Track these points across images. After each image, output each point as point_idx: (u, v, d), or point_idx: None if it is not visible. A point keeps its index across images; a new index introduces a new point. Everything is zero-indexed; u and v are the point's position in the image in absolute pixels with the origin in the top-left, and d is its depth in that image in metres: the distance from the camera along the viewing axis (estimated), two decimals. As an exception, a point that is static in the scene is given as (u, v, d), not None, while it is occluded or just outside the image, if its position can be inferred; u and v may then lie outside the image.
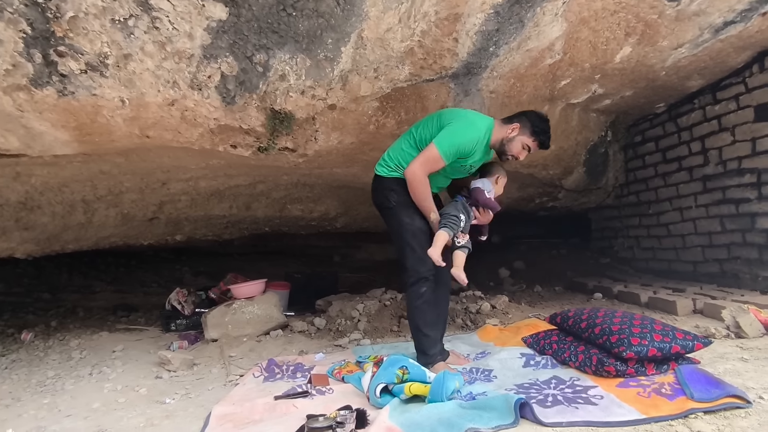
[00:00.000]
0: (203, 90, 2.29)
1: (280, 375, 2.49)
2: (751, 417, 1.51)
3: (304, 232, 5.20)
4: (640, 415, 1.55)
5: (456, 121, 2.30)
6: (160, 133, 2.57)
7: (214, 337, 3.29)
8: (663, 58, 3.05)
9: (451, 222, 2.25)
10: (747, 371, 1.91)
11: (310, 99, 2.56)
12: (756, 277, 3.28)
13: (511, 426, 1.53)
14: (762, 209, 3.21)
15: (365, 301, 3.59)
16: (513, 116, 2.41)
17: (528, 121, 2.35)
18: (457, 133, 2.24)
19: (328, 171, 3.58)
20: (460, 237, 2.30)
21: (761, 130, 3.18)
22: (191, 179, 3.61)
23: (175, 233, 4.43)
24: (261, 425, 1.78)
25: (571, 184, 4.28)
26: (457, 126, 2.28)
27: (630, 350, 1.84)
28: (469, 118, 2.34)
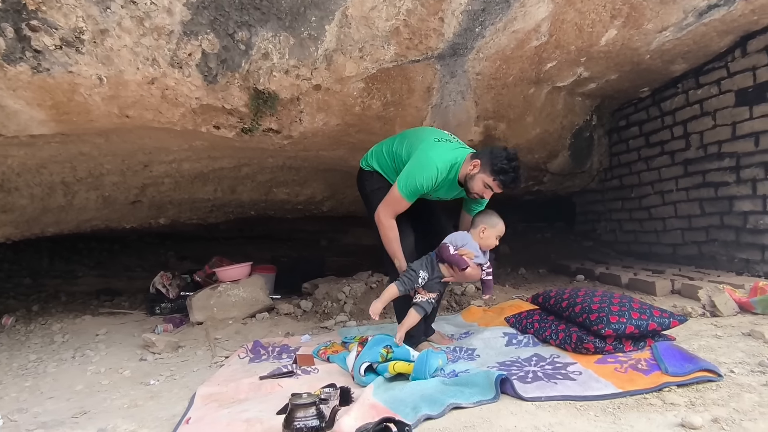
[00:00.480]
0: (184, 68, 2.25)
1: (265, 356, 2.50)
2: (722, 389, 1.56)
3: (290, 216, 5.17)
4: (617, 389, 1.59)
5: (413, 159, 2.26)
6: (141, 112, 2.52)
7: (199, 319, 3.28)
8: (648, 42, 3.06)
9: (407, 277, 2.16)
10: (720, 347, 1.97)
11: (294, 79, 2.53)
12: (732, 259, 3.36)
13: (492, 401, 1.56)
14: (740, 192, 3.28)
15: (351, 284, 3.61)
16: (479, 151, 2.26)
17: (490, 157, 2.14)
18: (413, 174, 2.21)
19: (314, 154, 3.55)
20: (421, 293, 2.19)
21: (741, 115, 3.23)
22: (174, 161, 3.54)
23: (159, 217, 4.37)
24: (246, 404, 1.79)
25: (556, 168, 4.32)
26: (413, 166, 2.23)
27: (608, 327, 1.88)
28: (425, 157, 2.22)
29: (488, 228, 2.20)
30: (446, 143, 2.32)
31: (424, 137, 2.38)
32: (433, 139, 2.33)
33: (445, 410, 1.50)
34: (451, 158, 2.23)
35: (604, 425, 1.37)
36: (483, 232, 2.20)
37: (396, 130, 3.16)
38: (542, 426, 1.37)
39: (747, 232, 3.25)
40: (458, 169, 2.24)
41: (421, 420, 1.46)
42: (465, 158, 2.23)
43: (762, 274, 3.09)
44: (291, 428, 1.36)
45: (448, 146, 2.30)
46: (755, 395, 1.50)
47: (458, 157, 2.25)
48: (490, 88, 3.05)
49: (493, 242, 2.21)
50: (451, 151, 2.27)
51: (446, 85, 2.94)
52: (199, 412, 1.76)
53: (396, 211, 2.29)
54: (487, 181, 2.16)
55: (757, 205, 3.17)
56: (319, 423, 1.37)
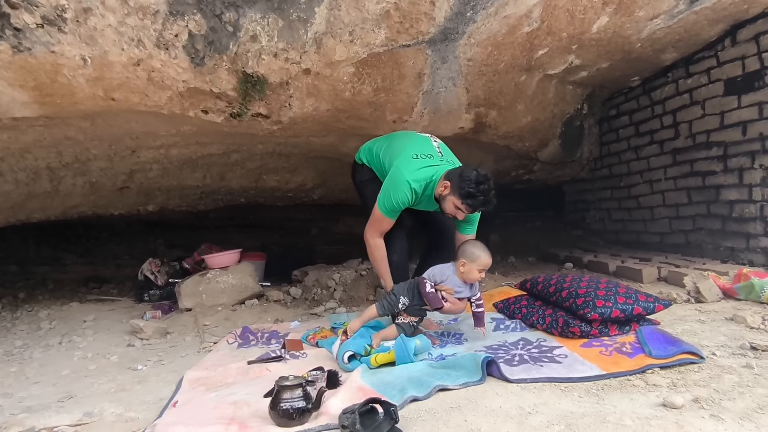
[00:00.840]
0: (170, 49, 2.21)
1: (254, 342, 2.50)
2: (703, 371, 1.59)
3: (280, 203, 5.14)
4: (601, 371, 1.62)
5: (389, 177, 2.29)
6: (127, 95, 2.48)
7: (188, 306, 3.26)
8: (639, 29, 3.06)
9: (387, 302, 2.14)
10: (703, 331, 2.01)
11: (283, 62, 2.49)
12: (718, 247, 3.41)
13: (478, 383, 1.58)
14: (726, 181, 3.31)
15: (341, 271, 3.60)
16: (451, 171, 2.21)
17: (459, 180, 2.10)
18: (389, 193, 2.25)
19: (304, 140, 3.52)
20: (402, 316, 2.16)
21: (730, 104, 3.25)
22: (162, 147, 3.50)
23: (147, 203, 4.32)
24: (234, 387, 1.79)
25: (547, 157, 4.33)
26: (388, 184, 2.27)
27: (594, 312, 1.91)
28: (398, 176, 2.22)
29: (468, 263, 2.07)
30: (423, 159, 2.30)
31: (403, 149, 2.38)
32: (411, 155, 2.32)
33: (431, 392, 1.51)
34: (425, 177, 2.23)
35: (588, 405, 1.39)
36: (462, 266, 2.08)
37: (387, 116, 3.15)
38: (527, 406, 1.38)
39: (732, 220, 3.29)
40: (434, 186, 2.23)
41: (408, 401, 1.47)
42: (441, 176, 2.22)
43: (746, 261, 3.14)
44: (277, 410, 1.36)
45: (423, 163, 2.28)
46: (735, 376, 1.52)
47: (434, 175, 2.24)
48: (482, 74, 3.04)
49: (475, 276, 2.06)
50: (426, 168, 2.25)
51: (437, 71, 2.92)
52: (187, 396, 1.76)
53: (381, 229, 2.34)
54: (457, 204, 2.14)
55: (743, 194, 3.20)
56: (305, 404, 1.37)
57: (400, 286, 2.21)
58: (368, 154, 2.65)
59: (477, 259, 2.06)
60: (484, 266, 2.07)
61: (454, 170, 2.21)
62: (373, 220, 2.35)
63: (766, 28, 2.99)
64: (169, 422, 1.46)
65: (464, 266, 2.08)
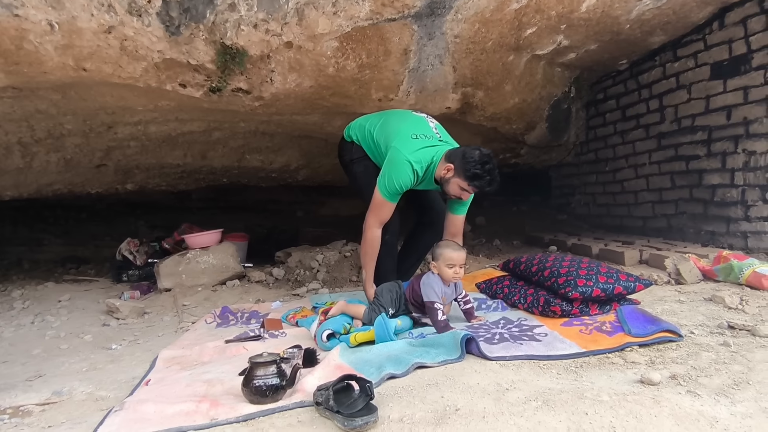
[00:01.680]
0: (143, 16, 2.11)
1: (234, 321, 2.46)
2: (681, 349, 1.59)
3: (264, 184, 5.06)
4: (580, 349, 1.61)
5: (389, 160, 2.23)
6: (99, 65, 2.37)
7: (167, 286, 3.20)
8: (628, 10, 3.02)
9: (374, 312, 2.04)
10: (682, 311, 2.02)
11: (263, 34, 2.41)
12: (699, 231, 3.44)
13: (457, 360, 1.56)
14: (710, 166, 3.32)
15: (325, 252, 3.56)
16: (452, 152, 2.17)
17: (463, 162, 2.07)
18: (391, 176, 2.18)
19: (288, 118, 3.44)
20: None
21: (715, 88, 3.25)
22: (140, 123, 3.39)
23: (126, 182, 4.20)
24: (209, 366, 1.75)
25: (534, 140, 4.30)
26: (390, 168, 2.20)
27: (576, 291, 1.90)
28: (399, 158, 2.16)
29: (437, 264, 2.01)
30: (422, 140, 2.25)
31: (400, 129, 2.32)
32: (410, 135, 2.26)
33: (409, 369, 1.49)
34: (426, 158, 2.19)
35: (566, 382, 1.38)
36: (434, 269, 2.02)
37: (372, 94, 3.08)
38: (504, 383, 1.37)
39: (714, 205, 3.31)
40: (434, 168, 2.20)
41: (385, 378, 1.44)
42: (441, 158, 2.18)
43: (726, 245, 3.17)
44: (250, 387, 1.33)
45: (422, 143, 2.23)
46: (712, 353, 1.53)
47: (434, 156, 2.20)
48: (469, 52, 2.98)
49: (450, 273, 1.98)
50: (426, 150, 2.21)
51: (423, 48, 2.85)
52: (160, 374, 1.72)
53: (382, 217, 2.25)
54: (463, 186, 2.12)
55: (725, 179, 3.22)
56: (279, 381, 1.34)
57: (387, 296, 2.09)
58: (359, 131, 2.53)
59: (439, 257, 2.01)
60: (450, 261, 1.99)
61: (455, 151, 2.16)
62: (374, 206, 2.24)
63: (755, 11, 2.98)
64: (139, 400, 1.42)
65: (435, 269, 2.03)
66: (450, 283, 2.02)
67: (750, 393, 1.26)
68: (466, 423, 1.15)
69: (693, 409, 1.18)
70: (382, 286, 2.17)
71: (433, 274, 2.03)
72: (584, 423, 1.13)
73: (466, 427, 1.14)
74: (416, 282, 2.07)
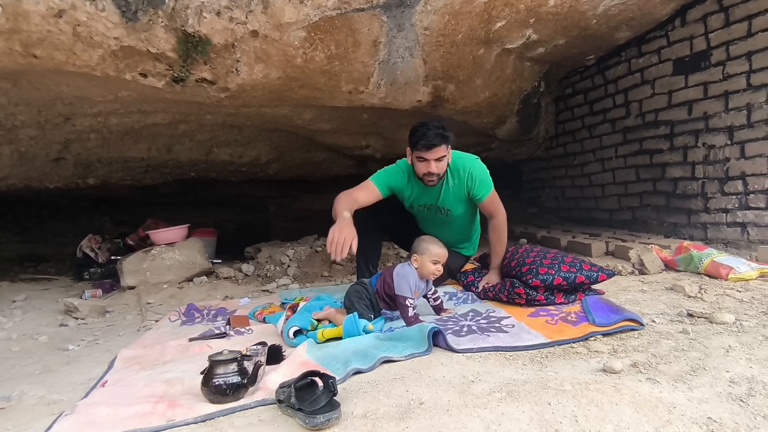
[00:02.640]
0: (97, 1, 2.00)
1: (199, 319, 2.40)
2: (643, 337, 1.63)
3: (234, 178, 4.94)
4: (546, 340, 1.63)
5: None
6: (51, 52, 2.25)
7: (131, 284, 3.09)
8: (594, 5, 3.06)
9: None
10: (645, 300, 2.07)
11: (227, 22, 2.33)
12: (662, 223, 3.54)
13: (424, 354, 1.55)
14: (672, 159, 3.42)
15: (296, 247, 3.51)
16: None
17: (409, 136, 2.21)
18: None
19: (256, 110, 3.36)
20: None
21: (677, 83, 3.34)
22: (100, 114, 3.25)
23: (87, 176, 4.04)
24: (170, 365, 1.69)
25: (504, 134, 4.34)
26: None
27: (536, 278, 1.94)
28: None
29: (419, 257, 2.00)
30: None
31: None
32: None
33: (375, 364, 1.47)
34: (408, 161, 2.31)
35: (531, 372, 1.39)
36: (415, 262, 2.01)
37: (342, 86, 3.03)
38: (470, 375, 1.37)
39: (676, 197, 3.41)
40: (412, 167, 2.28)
41: (350, 374, 1.42)
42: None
43: (688, 236, 3.28)
44: (209, 386, 1.28)
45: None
46: (672, 341, 1.57)
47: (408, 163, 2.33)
48: (439, 45, 2.96)
49: (430, 269, 1.98)
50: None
51: (393, 40, 2.82)
52: (118, 375, 1.65)
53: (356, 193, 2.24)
54: (416, 156, 2.18)
55: (686, 172, 3.32)
56: (240, 379, 1.30)
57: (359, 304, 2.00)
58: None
59: (425, 251, 2.00)
60: (436, 257, 1.99)
61: None
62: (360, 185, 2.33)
63: (714, 8, 3.06)
64: (92, 403, 1.35)
65: (416, 261, 2.01)
66: (426, 278, 2.01)
67: (706, 378, 1.29)
68: (430, 417, 1.14)
69: (652, 396, 1.21)
70: (348, 294, 2.07)
71: (409, 266, 2.00)
72: (547, 413, 1.13)
73: (429, 420, 1.13)
74: (388, 274, 2.03)
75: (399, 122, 3.94)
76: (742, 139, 2.95)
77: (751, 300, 1.96)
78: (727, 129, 3.02)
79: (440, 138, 2.11)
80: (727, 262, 2.35)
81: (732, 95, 2.98)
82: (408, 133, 2.22)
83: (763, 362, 1.36)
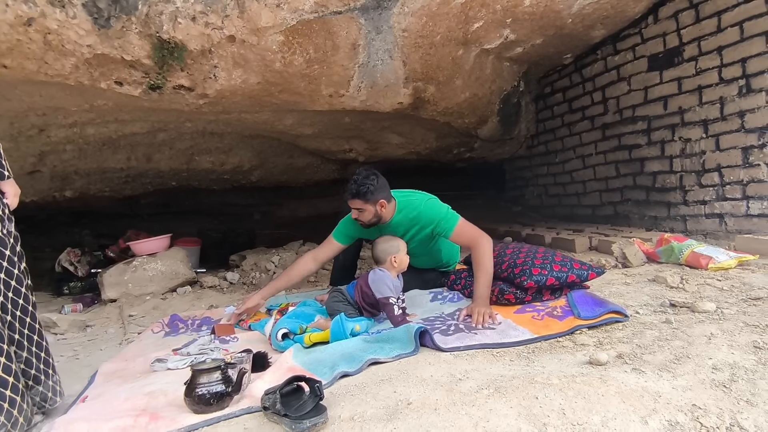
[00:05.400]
0: (67, 8, 1.97)
1: (183, 330, 2.35)
2: (627, 329, 1.64)
3: (216, 187, 4.88)
4: (532, 335, 1.63)
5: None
6: (21, 62, 2.20)
7: (112, 297, 3.02)
8: (569, 4, 3.11)
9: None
10: (628, 292, 2.09)
11: (203, 27, 2.30)
12: (643, 216, 3.60)
13: (411, 354, 1.54)
14: (650, 154, 3.48)
15: (281, 254, 3.48)
16: None
17: None
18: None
19: (237, 117, 3.33)
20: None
21: (652, 80, 3.40)
22: (75, 125, 3.18)
23: (64, 189, 3.95)
24: (152, 377, 1.65)
25: (486, 134, 4.37)
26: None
27: (530, 279, 1.92)
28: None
29: (396, 255, 2.08)
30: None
31: None
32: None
33: (362, 366, 1.46)
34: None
35: (518, 368, 1.39)
36: (394, 259, 2.06)
37: (322, 90, 3.02)
38: (458, 373, 1.36)
39: (656, 191, 3.47)
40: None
41: (338, 377, 1.40)
42: None
43: (668, 229, 3.33)
44: (192, 396, 1.25)
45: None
46: (655, 331, 1.58)
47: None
48: (418, 47, 2.97)
49: (405, 260, 2.11)
50: None
51: (372, 43, 2.82)
52: (99, 390, 1.60)
53: (317, 250, 2.38)
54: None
55: (665, 165, 3.38)
56: (224, 388, 1.27)
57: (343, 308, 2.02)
58: None
59: (398, 249, 2.09)
60: (405, 248, 2.12)
61: None
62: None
63: (684, 5, 3.14)
64: (71, 419, 1.31)
65: (395, 260, 2.06)
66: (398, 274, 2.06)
67: (689, 366, 1.31)
68: (418, 416, 1.13)
69: (638, 385, 1.21)
70: (328, 303, 2.11)
71: (381, 270, 2.03)
72: (534, 407, 1.13)
73: (417, 420, 1.12)
74: (363, 282, 2.04)
75: (381, 125, 3.94)
76: (716, 131, 3.01)
77: (731, 288, 2.00)
78: (702, 122, 3.09)
79: (354, 194, 2.13)
80: (707, 252, 2.40)
81: (705, 89, 3.05)
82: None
83: (744, 348, 1.38)
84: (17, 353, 1.38)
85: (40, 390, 1.44)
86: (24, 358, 1.40)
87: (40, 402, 1.45)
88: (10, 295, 1.39)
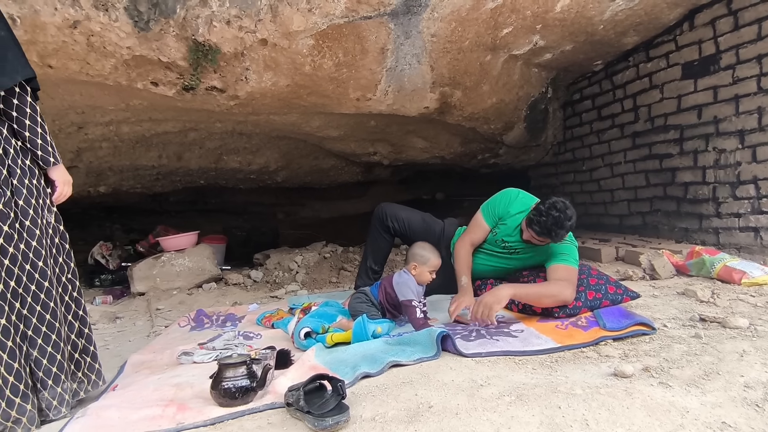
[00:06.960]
0: (110, 11, 2.05)
1: (209, 324, 2.41)
2: (654, 342, 1.61)
3: (243, 186, 4.99)
4: (556, 344, 1.61)
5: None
6: (65, 62, 2.30)
7: (141, 290, 3.12)
8: (601, 10, 3.07)
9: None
10: (656, 305, 2.04)
11: (237, 31, 2.37)
12: (673, 228, 3.50)
13: (433, 358, 1.54)
14: (682, 164, 3.39)
15: (304, 254, 3.52)
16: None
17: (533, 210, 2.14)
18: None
19: (265, 118, 3.40)
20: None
21: (686, 88, 3.32)
22: (111, 123, 3.31)
23: (98, 184, 4.10)
24: (179, 369, 1.70)
25: (512, 140, 4.34)
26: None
27: (563, 312, 1.89)
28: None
29: (418, 265, 2.04)
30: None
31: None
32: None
33: (384, 368, 1.47)
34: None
35: (540, 377, 1.38)
36: (414, 269, 2.03)
37: (350, 93, 3.06)
38: (479, 379, 1.36)
39: (687, 202, 3.38)
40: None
41: (359, 378, 1.42)
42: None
43: (699, 242, 3.23)
44: (218, 389, 1.29)
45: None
46: (684, 345, 1.55)
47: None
48: (446, 52, 2.98)
49: (427, 278, 2.04)
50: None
51: (401, 47, 2.84)
52: (128, 380, 1.66)
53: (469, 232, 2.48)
54: (525, 230, 2.15)
55: (697, 176, 3.29)
56: (249, 383, 1.30)
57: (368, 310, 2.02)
58: None
59: (427, 261, 2.05)
60: (434, 267, 2.07)
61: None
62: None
63: (722, 12, 3.05)
64: (103, 406, 1.36)
65: (415, 269, 2.04)
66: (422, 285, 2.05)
67: (720, 383, 1.27)
68: (439, 420, 1.14)
69: (665, 400, 1.19)
70: (351, 305, 2.11)
71: (406, 273, 2.03)
72: (557, 416, 1.12)
73: (438, 423, 1.12)
74: (387, 284, 2.05)
75: (406, 129, 3.96)
76: (753, 142, 2.91)
77: (765, 305, 1.93)
78: (738, 133, 3.00)
79: (568, 229, 1.98)
80: (740, 266, 2.32)
81: (742, 99, 2.95)
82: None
83: (778, 367, 1.34)
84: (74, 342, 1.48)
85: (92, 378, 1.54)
86: (80, 346, 1.50)
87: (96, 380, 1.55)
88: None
